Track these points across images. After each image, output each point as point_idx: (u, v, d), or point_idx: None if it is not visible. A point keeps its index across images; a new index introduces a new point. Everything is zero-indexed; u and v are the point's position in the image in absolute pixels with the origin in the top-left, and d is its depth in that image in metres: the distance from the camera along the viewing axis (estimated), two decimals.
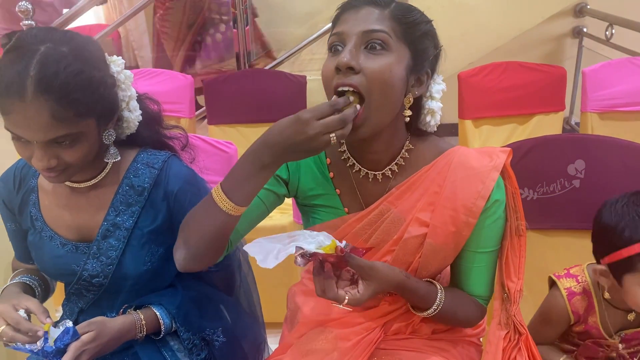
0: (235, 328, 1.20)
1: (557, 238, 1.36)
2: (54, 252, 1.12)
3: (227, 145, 1.55)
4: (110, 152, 1.06)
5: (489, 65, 2.53)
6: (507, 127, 2.58)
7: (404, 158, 1.04)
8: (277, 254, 0.84)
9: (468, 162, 1.01)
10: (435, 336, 1.14)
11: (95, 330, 1.01)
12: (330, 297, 0.90)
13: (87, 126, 0.96)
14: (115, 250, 1.10)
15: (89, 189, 1.11)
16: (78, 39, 0.98)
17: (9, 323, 1.00)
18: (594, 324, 1.15)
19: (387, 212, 1.04)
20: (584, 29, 3.54)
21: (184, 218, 1.00)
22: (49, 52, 0.91)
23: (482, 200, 1.00)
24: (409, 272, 1.05)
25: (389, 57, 0.92)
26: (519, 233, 1.06)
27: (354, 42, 0.92)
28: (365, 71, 0.91)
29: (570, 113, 3.67)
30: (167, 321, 1.11)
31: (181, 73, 2.67)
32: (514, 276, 1.07)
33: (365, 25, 0.93)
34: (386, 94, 0.93)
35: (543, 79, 2.51)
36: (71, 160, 0.97)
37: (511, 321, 1.07)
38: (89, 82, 0.94)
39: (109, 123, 1.03)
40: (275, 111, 2.55)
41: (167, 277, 1.17)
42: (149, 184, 1.10)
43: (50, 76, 0.90)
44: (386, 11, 0.94)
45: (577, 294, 1.15)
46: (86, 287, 1.13)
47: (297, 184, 1.10)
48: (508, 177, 1.04)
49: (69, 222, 1.12)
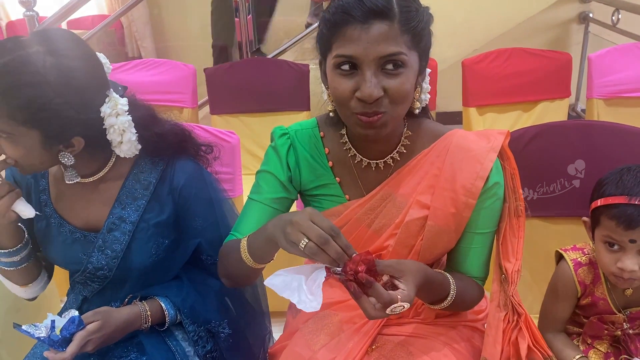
0: (240, 320, 1.21)
1: (562, 226, 1.35)
2: (61, 239, 1.13)
3: (230, 135, 1.54)
4: (67, 172, 1.05)
5: (494, 51, 2.51)
6: (512, 115, 2.57)
7: (405, 145, 1.05)
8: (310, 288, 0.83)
9: (466, 144, 1.03)
10: (438, 321, 1.15)
11: (101, 320, 1.01)
12: (385, 301, 0.84)
13: (24, 134, 0.96)
14: (120, 244, 1.10)
15: (96, 183, 1.11)
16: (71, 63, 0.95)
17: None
18: (602, 295, 1.15)
19: (388, 197, 1.06)
20: (590, 15, 3.51)
21: (189, 212, 1.07)
22: (26, 53, 0.92)
23: (481, 180, 1.01)
24: (412, 255, 1.07)
25: (406, 72, 0.92)
26: (517, 214, 1.07)
27: (373, 70, 0.90)
28: (388, 92, 0.91)
29: (576, 100, 3.65)
30: (172, 312, 1.12)
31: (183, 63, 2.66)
32: (511, 257, 1.08)
33: (381, 50, 0.88)
34: (405, 103, 0.96)
35: (548, 65, 2.49)
36: (11, 155, 0.99)
37: (509, 302, 1.07)
38: (37, 100, 0.92)
39: (59, 146, 1.00)
40: (278, 100, 2.54)
41: (172, 270, 1.17)
42: (155, 178, 1.11)
43: (4, 71, 0.91)
44: (395, 24, 0.89)
45: (584, 265, 1.16)
46: (91, 278, 1.14)
47: (299, 179, 1.11)
48: (507, 157, 1.05)
49: (78, 212, 1.13)
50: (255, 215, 1.09)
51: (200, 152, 1.17)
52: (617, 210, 1.04)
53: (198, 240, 1.15)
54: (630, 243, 1.04)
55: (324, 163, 1.09)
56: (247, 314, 1.23)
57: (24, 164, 1.01)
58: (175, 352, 1.11)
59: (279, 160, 1.10)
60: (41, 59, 0.92)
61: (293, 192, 1.12)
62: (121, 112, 1.03)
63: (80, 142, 1.01)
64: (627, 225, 1.02)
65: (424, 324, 1.14)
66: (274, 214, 1.09)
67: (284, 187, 1.10)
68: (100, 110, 1.01)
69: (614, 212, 1.04)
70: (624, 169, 1.08)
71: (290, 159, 1.10)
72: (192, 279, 1.17)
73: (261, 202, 1.09)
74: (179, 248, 1.15)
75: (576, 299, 1.18)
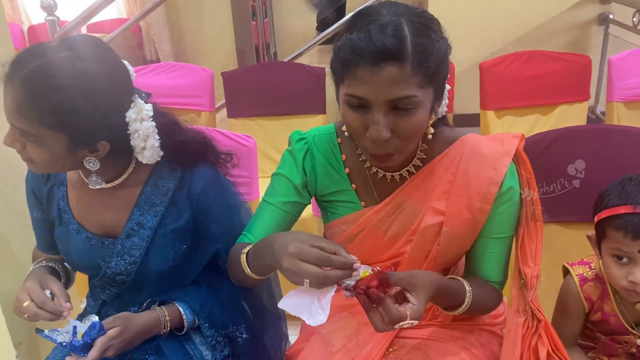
0: (258, 324, 1.21)
1: (581, 231, 1.33)
2: (80, 245, 1.14)
3: (247, 139, 1.55)
4: (91, 178, 1.07)
5: (512, 54, 2.48)
6: (530, 118, 2.53)
7: (420, 158, 1.05)
8: (320, 302, 0.83)
9: (479, 150, 1.02)
10: (455, 324, 1.14)
11: (121, 326, 1.03)
12: (393, 318, 0.84)
13: (52, 138, 0.97)
14: (138, 249, 1.11)
15: (114, 189, 1.12)
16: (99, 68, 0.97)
17: (33, 299, 1.03)
18: (612, 312, 1.12)
19: (402, 204, 1.06)
20: (610, 16, 3.46)
21: (207, 218, 1.09)
22: (56, 58, 0.94)
23: (495, 186, 1.01)
24: (429, 260, 1.06)
25: (419, 112, 0.90)
26: (535, 218, 1.06)
27: (383, 112, 0.88)
28: (399, 132, 0.91)
29: (595, 102, 3.59)
30: (190, 317, 1.13)
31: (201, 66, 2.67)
32: (530, 262, 1.06)
33: (391, 93, 0.86)
34: (417, 138, 0.96)
35: (567, 68, 2.45)
36: (32, 157, 1.00)
37: (529, 307, 1.06)
38: (65, 103, 0.94)
39: (85, 150, 1.02)
40: (294, 103, 2.54)
41: (190, 275, 1.18)
42: (174, 184, 1.12)
43: (35, 75, 0.92)
44: (406, 65, 0.85)
45: (590, 280, 1.14)
46: (109, 283, 1.15)
47: (314, 184, 1.11)
48: (522, 162, 1.04)
49: (96, 218, 1.14)
50: (267, 218, 1.10)
51: (220, 160, 1.18)
52: (622, 221, 1.01)
53: (217, 246, 1.15)
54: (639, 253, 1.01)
55: (341, 169, 1.10)
56: (264, 319, 1.23)
57: (46, 167, 1.03)
58: (193, 357, 1.12)
59: (295, 164, 1.10)
60: (70, 64, 0.94)
61: (306, 197, 1.13)
62: (146, 117, 1.04)
63: (105, 146, 1.02)
64: (635, 234, 0.99)
65: (441, 328, 1.14)
66: (286, 217, 1.10)
67: (297, 191, 1.10)
68: (125, 115, 1.03)
69: (619, 222, 1.01)
70: (625, 179, 1.06)
71: (306, 164, 1.10)
72: (210, 283, 1.18)
73: (273, 205, 1.10)
74: (196, 254, 1.16)
75: (584, 314, 1.16)
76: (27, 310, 1.03)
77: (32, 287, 1.05)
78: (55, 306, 1.03)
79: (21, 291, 1.06)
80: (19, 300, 1.05)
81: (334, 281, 0.83)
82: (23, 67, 0.93)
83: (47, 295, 1.05)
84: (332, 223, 1.14)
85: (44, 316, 1.03)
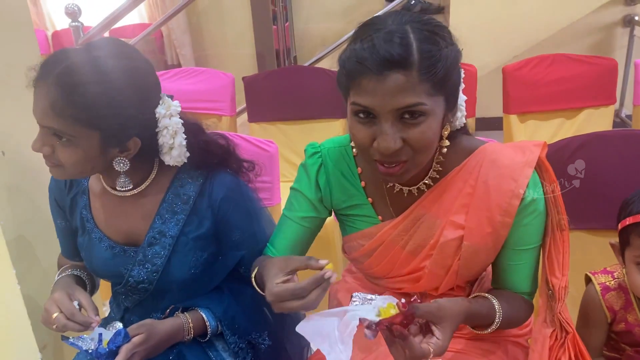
0: (280, 331, 1.21)
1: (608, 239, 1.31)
2: (103, 254, 1.15)
3: (268, 144, 1.55)
4: (120, 179, 1.07)
5: (535, 57, 2.45)
6: (555, 122, 2.49)
7: (437, 170, 1.02)
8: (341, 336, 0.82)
9: (499, 160, 0.98)
10: (479, 335, 1.11)
11: (146, 333, 1.03)
12: (416, 355, 0.83)
13: (85, 136, 0.97)
14: (160, 258, 1.11)
15: (136, 197, 1.12)
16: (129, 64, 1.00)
17: (62, 311, 1.04)
18: (636, 322, 1.10)
19: (420, 217, 1.03)
20: (636, 17, 3.40)
21: (228, 225, 1.11)
22: (87, 57, 0.96)
23: (517, 199, 0.96)
24: (450, 275, 1.04)
25: (428, 120, 0.87)
26: (561, 228, 1.02)
27: (391, 121, 0.86)
28: (409, 142, 0.88)
29: (620, 105, 3.53)
30: (214, 324, 1.13)
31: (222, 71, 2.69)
32: (558, 272, 1.03)
33: (398, 102, 0.84)
34: (428, 150, 0.92)
35: (592, 71, 2.41)
36: (62, 160, 0.99)
37: (557, 319, 1.03)
38: (100, 97, 0.95)
39: (116, 149, 1.03)
40: (315, 108, 2.54)
41: (212, 281, 1.18)
42: (195, 192, 1.12)
43: (69, 72, 0.94)
44: (413, 72, 0.83)
45: (612, 290, 1.11)
46: (132, 291, 1.16)
47: (330, 198, 1.11)
48: (545, 170, 1.00)
49: (118, 226, 1.15)
50: (288, 232, 1.12)
51: (242, 169, 1.18)
52: None
53: (241, 253, 1.15)
54: None
55: (357, 183, 1.08)
56: (287, 326, 1.22)
57: (75, 170, 1.02)
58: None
59: (309, 179, 1.10)
60: (102, 61, 0.97)
61: (323, 211, 1.13)
62: (174, 113, 1.06)
63: (136, 144, 1.03)
64: None
65: (464, 339, 1.11)
66: (306, 232, 1.13)
67: (313, 206, 1.11)
68: (155, 112, 1.04)
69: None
70: None
71: (320, 178, 1.10)
72: (232, 290, 1.18)
73: (292, 220, 1.12)
74: (218, 261, 1.16)
75: (607, 324, 1.13)
76: (55, 321, 1.03)
77: (60, 299, 1.06)
78: (84, 318, 1.04)
79: (50, 302, 1.06)
80: (47, 312, 1.05)
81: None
82: (55, 66, 0.94)
83: (76, 306, 1.06)
84: (350, 237, 1.13)
85: (72, 328, 1.03)
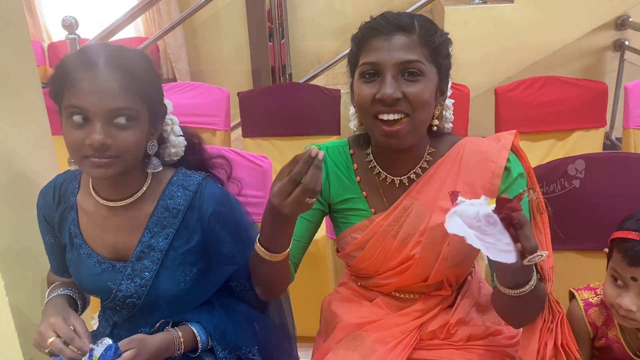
0: (270, 346, 1.20)
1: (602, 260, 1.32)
2: (91, 269, 1.14)
3: (262, 159, 1.56)
4: (152, 162, 1.09)
5: (527, 79, 2.48)
6: (546, 143, 2.52)
7: (427, 161, 1.10)
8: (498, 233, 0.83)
9: (478, 147, 1.09)
10: (470, 344, 1.13)
11: (137, 348, 1.02)
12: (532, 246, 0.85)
13: (143, 113, 1.02)
14: (149, 272, 1.11)
15: (125, 210, 1.12)
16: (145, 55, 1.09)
17: (59, 335, 1.03)
18: (615, 338, 1.11)
19: (409, 207, 1.10)
20: (626, 42, 3.45)
21: (217, 239, 1.11)
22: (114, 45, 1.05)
23: (498, 178, 1.06)
24: (440, 260, 1.09)
25: (424, 81, 1.00)
26: (540, 210, 1.09)
27: (393, 74, 0.99)
28: (408, 96, 0.99)
29: (610, 128, 3.57)
30: (204, 339, 1.12)
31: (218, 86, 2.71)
32: None
33: (400, 56, 0.99)
34: (426, 113, 1.03)
35: (583, 94, 2.45)
36: (124, 145, 0.99)
37: (547, 300, 1.06)
38: (152, 73, 1.05)
39: (157, 126, 1.08)
40: (309, 124, 2.56)
41: (202, 296, 1.17)
42: (184, 206, 1.11)
43: (121, 56, 1.00)
44: (414, 36, 1.00)
45: (594, 305, 1.14)
46: (120, 306, 1.15)
47: (328, 191, 1.16)
48: (520, 157, 1.10)
49: (106, 241, 1.14)
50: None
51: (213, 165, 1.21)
52: (626, 245, 1.01)
53: (235, 268, 1.15)
54: (632, 280, 1.01)
55: (352, 178, 1.15)
56: (276, 340, 1.22)
57: (130, 156, 1.02)
58: None
59: None
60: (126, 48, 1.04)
61: (323, 203, 1.17)
62: (170, 108, 1.13)
63: (162, 123, 1.11)
64: (631, 260, 1.00)
65: (455, 349, 1.13)
66: (307, 225, 1.16)
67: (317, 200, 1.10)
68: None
69: (623, 245, 1.02)
70: None
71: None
72: (223, 304, 1.17)
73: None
74: (207, 276, 1.15)
75: (590, 340, 1.15)
76: (52, 346, 1.02)
77: (57, 324, 1.04)
78: (82, 344, 1.02)
79: (45, 327, 1.05)
80: (42, 336, 1.04)
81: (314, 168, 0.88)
82: (97, 56, 0.98)
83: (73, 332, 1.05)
84: (344, 233, 1.16)
85: (68, 354, 1.02)
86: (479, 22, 2.87)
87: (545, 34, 2.89)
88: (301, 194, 0.88)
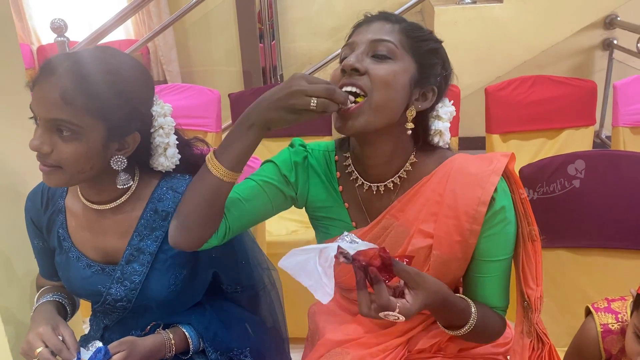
0: (262, 347, 1.20)
1: (592, 257, 1.32)
2: (80, 273, 1.13)
3: (253, 160, 1.55)
4: (120, 177, 1.05)
5: (517, 78, 2.50)
6: (536, 142, 2.53)
7: (407, 171, 1.03)
8: (325, 273, 0.81)
9: (466, 169, 0.99)
10: (462, 354, 1.12)
11: (127, 350, 1.02)
12: (382, 304, 0.83)
13: (92, 128, 0.96)
14: (139, 275, 1.10)
15: (113, 213, 1.10)
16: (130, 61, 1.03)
17: (47, 345, 1.02)
18: None
19: (390, 225, 1.03)
20: (615, 41, 3.49)
21: None
22: (91, 52, 1.00)
23: (483, 206, 0.97)
24: None
25: (393, 65, 0.96)
26: (532, 238, 1.02)
27: (362, 49, 0.97)
28: (370, 73, 0.94)
29: (600, 126, 3.60)
30: (196, 340, 1.12)
31: (209, 88, 2.69)
32: (532, 283, 1.03)
33: (373, 35, 0.98)
34: (387, 97, 0.95)
35: (573, 93, 2.46)
36: (64, 157, 0.96)
37: (534, 329, 1.03)
38: (110, 87, 0.96)
39: (117, 144, 1.01)
40: (300, 125, 2.51)
41: (192, 298, 1.17)
42: (173, 208, 1.09)
43: (80, 70, 0.95)
44: (397, 26, 0.99)
45: (614, 333, 1.06)
46: (110, 309, 1.14)
47: (306, 194, 1.11)
48: (514, 181, 1.01)
49: (95, 244, 1.13)
50: (240, 187, 1.06)
51: None
52: None
53: (220, 270, 1.14)
54: None
55: (335, 187, 1.10)
56: (268, 341, 1.22)
57: (74, 169, 0.98)
58: None
59: (290, 160, 1.09)
60: (107, 53, 1.00)
61: (291, 191, 1.09)
62: (168, 112, 1.07)
63: (135, 139, 1.03)
64: None
65: (446, 358, 1.11)
66: (262, 196, 1.06)
67: (283, 178, 1.08)
68: (152, 111, 1.05)
69: None
70: None
71: (300, 168, 1.10)
72: (214, 306, 1.17)
73: (252, 180, 1.07)
74: (196, 278, 1.15)
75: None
76: (39, 356, 1.01)
77: (45, 333, 1.04)
78: (70, 356, 1.02)
79: (34, 336, 1.04)
80: (30, 345, 1.03)
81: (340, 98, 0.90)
82: (63, 62, 0.96)
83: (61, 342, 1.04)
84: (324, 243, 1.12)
85: None
86: (469, 22, 2.88)
87: (534, 34, 2.91)
88: (321, 89, 0.88)
